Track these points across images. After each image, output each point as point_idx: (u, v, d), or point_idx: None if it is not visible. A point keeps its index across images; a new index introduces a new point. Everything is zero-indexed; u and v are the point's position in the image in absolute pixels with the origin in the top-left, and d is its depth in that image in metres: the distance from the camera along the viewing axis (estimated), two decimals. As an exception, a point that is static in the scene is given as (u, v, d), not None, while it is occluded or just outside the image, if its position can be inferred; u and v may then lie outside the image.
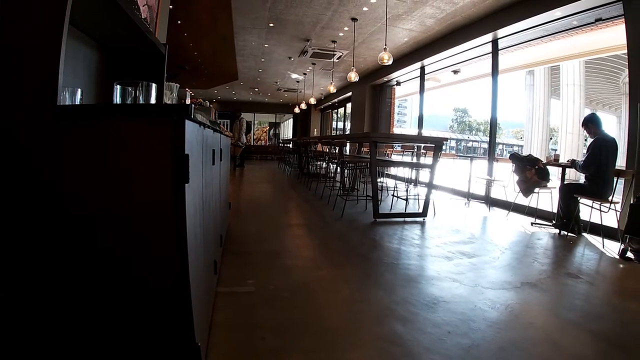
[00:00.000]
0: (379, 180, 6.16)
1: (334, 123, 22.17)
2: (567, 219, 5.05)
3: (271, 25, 9.01)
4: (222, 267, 3.02)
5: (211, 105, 13.26)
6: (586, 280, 3.30)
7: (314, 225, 5.09)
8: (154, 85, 1.60)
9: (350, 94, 15.98)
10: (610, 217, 4.75)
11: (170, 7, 4.36)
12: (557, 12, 6.09)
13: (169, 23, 4.13)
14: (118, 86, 1.52)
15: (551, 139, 23.03)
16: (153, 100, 1.61)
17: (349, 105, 17.10)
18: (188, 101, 7.78)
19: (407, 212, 5.95)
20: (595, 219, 4.95)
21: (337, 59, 11.73)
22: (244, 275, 2.98)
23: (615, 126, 23.22)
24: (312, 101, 15.15)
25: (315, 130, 23.61)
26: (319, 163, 10.45)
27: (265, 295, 2.63)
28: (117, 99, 1.52)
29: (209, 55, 12.26)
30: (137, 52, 2.36)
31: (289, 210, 6.38)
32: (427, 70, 10.88)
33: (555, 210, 5.43)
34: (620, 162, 5.10)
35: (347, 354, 1.93)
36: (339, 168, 7.63)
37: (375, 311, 2.46)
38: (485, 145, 9.15)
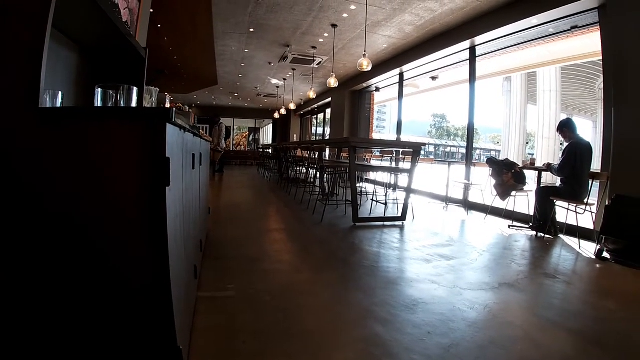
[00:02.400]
0: (358, 185, 6.21)
1: (314, 128, 22.21)
2: (543, 221, 5.16)
3: (251, 30, 9.01)
4: (202, 272, 3.01)
5: (190, 110, 13.17)
6: (563, 280, 3.38)
7: (294, 230, 5.09)
8: (135, 89, 1.59)
9: (329, 99, 16.05)
10: (586, 219, 4.87)
11: (151, 10, 4.33)
12: (534, 20, 6.23)
13: (149, 27, 4.10)
14: (99, 89, 1.52)
15: (527, 143, 23.45)
16: (134, 104, 1.60)
17: (328, 110, 17.17)
18: (168, 105, 7.72)
19: (386, 216, 6.00)
20: (572, 220, 5.08)
21: (317, 64, 11.77)
22: (224, 280, 2.97)
23: (591, 131, 23.88)
24: (292, 107, 15.16)
25: (295, 135, 23.63)
26: (298, 168, 10.45)
27: (246, 299, 2.62)
28: (98, 102, 1.51)
29: (188, 60, 12.17)
30: (117, 55, 2.35)
31: (269, 215, 6.37)
32: (406, 76, 11.01)
33: (532, 213, 5.54)
34: (596, 165, 5.24)
35: (328, 356, 1.94)
36: (318, 173, 7.65)
37: (356, 313, 2.48)
38: (463, 150, 9.29)
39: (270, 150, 17.57)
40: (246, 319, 2.30)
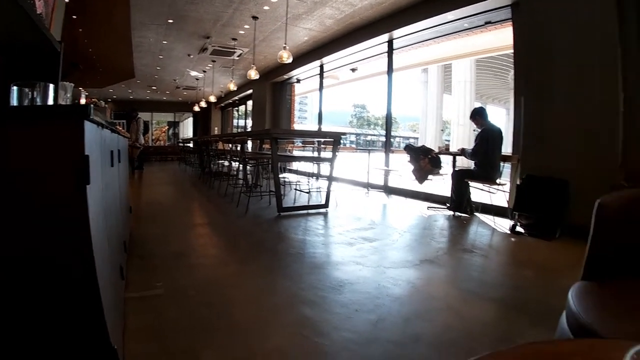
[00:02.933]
0: (281, 175, 6.26)
1: (235, 121, 21.96)
2: (459, 202, 5.54)
3: (170, 21, 8.74)
4: (128, 272, 2.93)
5: (106, 105, 12.56)
6: (481, 254, 3.66)
7: (219, 223, 5.08)
8: (51, 86, 1.55)
9: (251, 91, 15.91)
10: (499, 198, 5.27)
11: (67, 0, 4.09)
12: (449, 15, 6.59)
13: (64, 17, 3.88)
14: (15, 87, 1.47)
15: (444, 130, 24.65)
16: (50, 101, 1.56)
17: (249, 102, 17.01)
18: (83, 101, 7.36)
19: (310, 204, 6.11)
20: (486, 200, 5.46)
21: (238, 56, 11.63)
22: (151, 278, 2.91)
23: (504, 118, 25.86)
24: (212, 99, 14.92)
25: (216, 128, 23.20)
26: (220, 161, 10.34)
27: (175, 296, 2.60)
28: (14, 101, 1.46)
29: (104, 52, 11.52)
30: (30, 49, 2.22)
31: (193, 210, 6.29)
32: (326, 68, 11.20)
33: (449, 195, 5.89)
34: (509, 148, 5.68)
35: (261, 344, 1.99)
36: (241, 165, 7.62)
37: (284, 300, 2.55)
38: (383, 139, 9.62)
39: (191, 145, 17.18)
40: (176, 316, 2.29)
